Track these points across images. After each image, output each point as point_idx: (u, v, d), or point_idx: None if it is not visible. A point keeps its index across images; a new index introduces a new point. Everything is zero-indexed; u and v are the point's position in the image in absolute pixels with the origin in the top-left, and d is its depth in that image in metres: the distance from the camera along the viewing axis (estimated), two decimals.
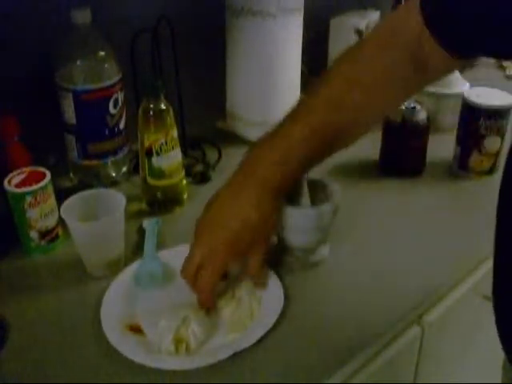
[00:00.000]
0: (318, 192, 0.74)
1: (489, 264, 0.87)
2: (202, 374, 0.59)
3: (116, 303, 0.67)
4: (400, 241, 0.80)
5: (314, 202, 0.73)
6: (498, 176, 0.94)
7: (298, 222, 0.70)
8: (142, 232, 0.79)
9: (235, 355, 0.60)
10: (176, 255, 0.71)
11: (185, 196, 0.88)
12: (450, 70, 0.70)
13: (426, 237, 0.81)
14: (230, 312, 0.66)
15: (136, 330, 0.64)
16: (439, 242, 0.80)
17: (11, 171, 0.74)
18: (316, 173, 0.71)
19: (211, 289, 0.64)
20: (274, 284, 0.69)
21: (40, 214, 0.74)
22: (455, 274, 0.76)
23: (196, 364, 0.59)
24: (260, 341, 0.62)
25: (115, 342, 0.61)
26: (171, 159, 0.83)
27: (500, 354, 0.69)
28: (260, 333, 0.62)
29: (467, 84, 1.07)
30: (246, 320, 0.65)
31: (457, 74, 1.08)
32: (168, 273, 0.72)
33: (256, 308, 0.66)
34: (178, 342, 0.61)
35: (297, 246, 0.73)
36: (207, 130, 1.11)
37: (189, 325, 0.62)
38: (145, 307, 0.67)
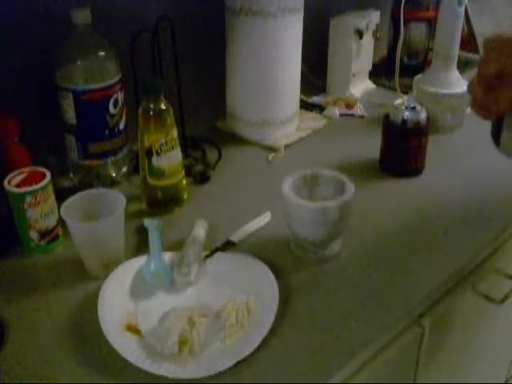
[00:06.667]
0: (336, 188, 0.75)
1: (489, 264, 0.87)
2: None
3: (114, 302, 0.67)
4: (399, 241, 0.80)
5: (328, 197, 0.74)
6: None
7: (303, 215, 0.72)
8: (142, 232, 0.79)
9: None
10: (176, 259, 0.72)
11: (185, 196, 0.88)
12: None
13: (426, 237, 0.81)
14: (226, 313, 0.66)
15: (134, 330, 0.64)
16: (439, 242, 0.80)
17: (11, 171, 0.74)
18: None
19: None
20: (269, 280, 0.69)
21: (40, 213, 0.74)
22: (455, 274, 0.76)
23: (199, 373, 0.58)
24: (260, 342, 0.62)
25: (115, 343, 0.61)
26: (171, 159, 0.83)
27: (499, 354, 0.69)
28: (260, 336, 0.62)
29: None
30: (244, 320, 0.65)
31: (457, 73, 1.08)
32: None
33: (252, 306, 0.66)
34: (181, 343, 0.61)
35: (304, 239, 0.74)
36: (207, 130, 1.11)
37: (193, 326, 0.62)
38: (145, 307, 0.67)
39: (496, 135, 0.67)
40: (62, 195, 0.74)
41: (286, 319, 0.66)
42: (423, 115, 0.92)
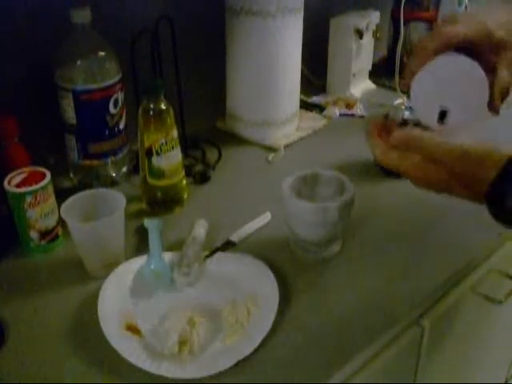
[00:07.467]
0: (335, 188, 0.75)
1: (488, 264, 0.87)
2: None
3: (114, 302, 0.67)
4: (399, 241, 0.80)
5: (328, 197, 0.74)
6: None
7: (303, 215, 0.72)
8: (142, 232, 0.79)
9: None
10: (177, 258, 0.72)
11: (185, 196, 0.88)
12: None
13: (426, 237, 0.81)
14: (226, 313, 0.66)
15: (134, 330, 0.64)
16: (439, 242, 0.80)
17: (11, 171, 0.74)
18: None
19: None
20: (269, 280, 0.69)
21: (40, 213, 0.74)
22: (455, 273, 0.76)
23: (199, 374, 0.58)
24: (260, 342, 0.62)
25: (115, 343, 0.61)
26: (171, 159, 0.83)
27: (499, 354, 0.69)
28: (260, 336, 0.62)
29: None
30: (244, 320, 0.65)
31: None
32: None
33: (252, 306, 0.66)
34: (181, 343, 0.61)
35: (304, 239, 0.74)
36: (207, 129, 1.11)
37: (193, 327, 0.62)
38: (145, 307, 0.67)
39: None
40: (62, 195, 0.74)
41: (285, 319, 0.66)
42: None
